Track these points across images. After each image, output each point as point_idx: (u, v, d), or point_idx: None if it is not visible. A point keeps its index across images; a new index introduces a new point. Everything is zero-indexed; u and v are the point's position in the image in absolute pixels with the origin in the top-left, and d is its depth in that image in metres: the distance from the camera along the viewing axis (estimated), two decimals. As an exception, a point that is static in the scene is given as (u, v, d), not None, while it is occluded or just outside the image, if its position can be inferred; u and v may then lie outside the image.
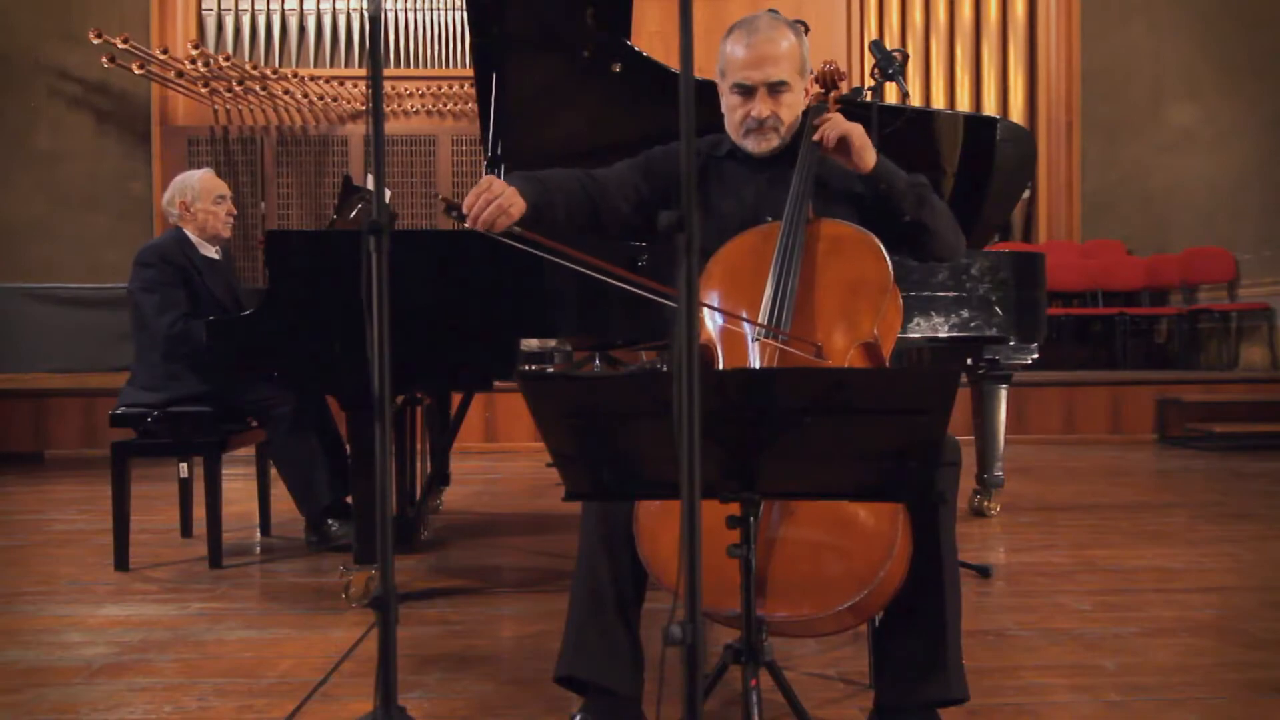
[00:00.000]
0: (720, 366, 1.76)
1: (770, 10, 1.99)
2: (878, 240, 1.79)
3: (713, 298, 1.82)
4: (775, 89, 1.93)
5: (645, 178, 2.08)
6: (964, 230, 3.51)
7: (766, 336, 1.71)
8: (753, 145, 1.98)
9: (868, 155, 1.90)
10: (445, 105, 8.27)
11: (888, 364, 1.79)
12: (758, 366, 1.70)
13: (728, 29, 1.97)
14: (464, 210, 1.78)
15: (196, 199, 3.35)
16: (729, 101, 1.98)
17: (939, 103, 8.56)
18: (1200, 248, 7.55)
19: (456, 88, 8.21)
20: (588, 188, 2.02)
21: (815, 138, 1.89)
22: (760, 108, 1.94)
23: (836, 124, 1.88)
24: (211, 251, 3.40)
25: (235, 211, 3.48)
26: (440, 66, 8.31)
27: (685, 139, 0.99)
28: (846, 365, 1.69)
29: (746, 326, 1.75)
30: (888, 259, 1.77)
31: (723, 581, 1.43)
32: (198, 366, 3.12)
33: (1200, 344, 7.61)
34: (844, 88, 2.07)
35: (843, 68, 2.10)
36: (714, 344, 1.79)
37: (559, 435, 1.35)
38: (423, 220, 8.27)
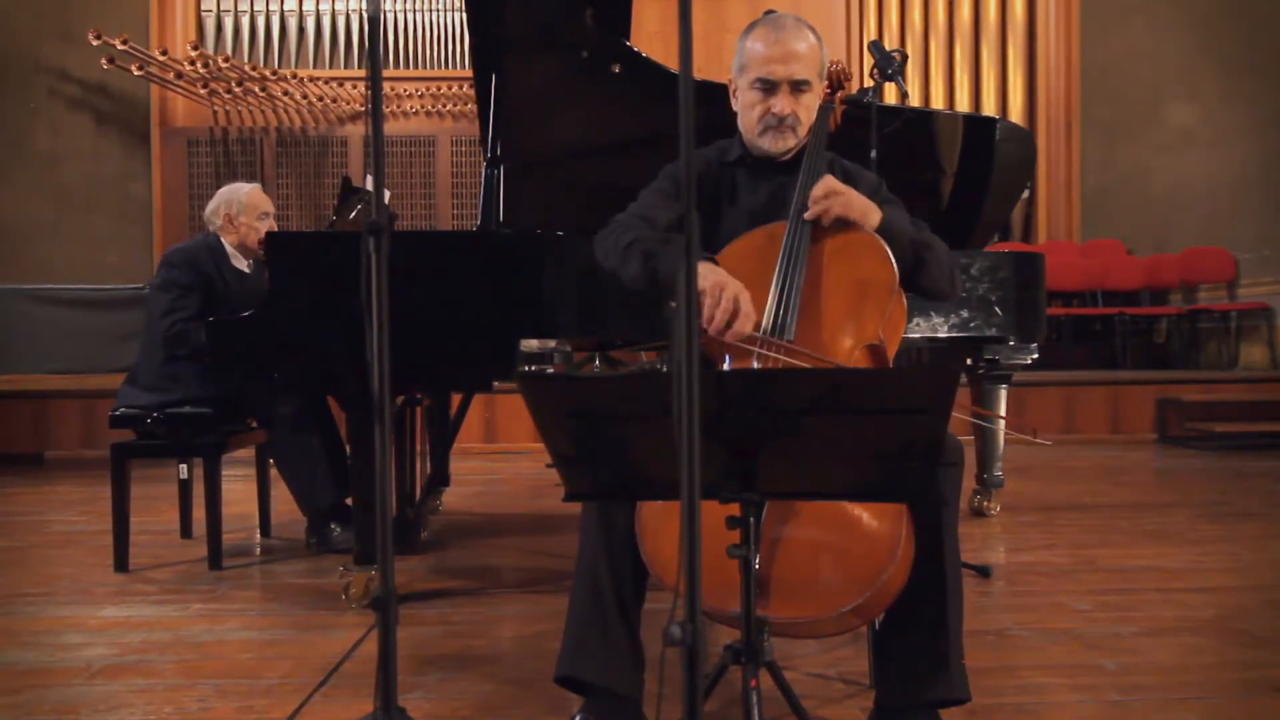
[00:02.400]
0: (726, 366, 1.76)
1: (769, 11, 1.98)
2: (883, 242, 1.78)
3: None
4: (798, 87, 1.89)
5: (678, 197, 2.05)
6: (964, 230, 3.56)
7: (768, 346, 1.70)
8: (769, 143, 1.94)
9: (871, 220, 1.81)
10: (444, 106, 8.27)
11: (892, 365, 1.79)
12: (759, 366, 1.69)
13: (747, 26, 1.93)
14: (705, 323, 1.68)
15: (241, 212, 3.35)
16: (747, 98, 1.93)
17: (938, 103, 8.56)
18: (1200, 247, 7.55)
19: (456, 88, 8.21)
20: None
21: (809, 217, 1.79)
22: (782, 104, 1.89)
23: (831, 201, 1.78)
24: (243, 264, 3.40)
25: (276, 229, 3.47)
26: (439, 67, 8.31)
27: (685, 138, 0.99)
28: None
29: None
30: (893, 261, 1.76)
31: (725, 582, 1.43)
32: (198, 370, 3.12)
33: (1200, 344, 7.61)
34: (850, 87, 2.06)
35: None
36: (716, 343, 1.78)
37: (559, 435, 1.35)
38: (422, 221, 8.27)
